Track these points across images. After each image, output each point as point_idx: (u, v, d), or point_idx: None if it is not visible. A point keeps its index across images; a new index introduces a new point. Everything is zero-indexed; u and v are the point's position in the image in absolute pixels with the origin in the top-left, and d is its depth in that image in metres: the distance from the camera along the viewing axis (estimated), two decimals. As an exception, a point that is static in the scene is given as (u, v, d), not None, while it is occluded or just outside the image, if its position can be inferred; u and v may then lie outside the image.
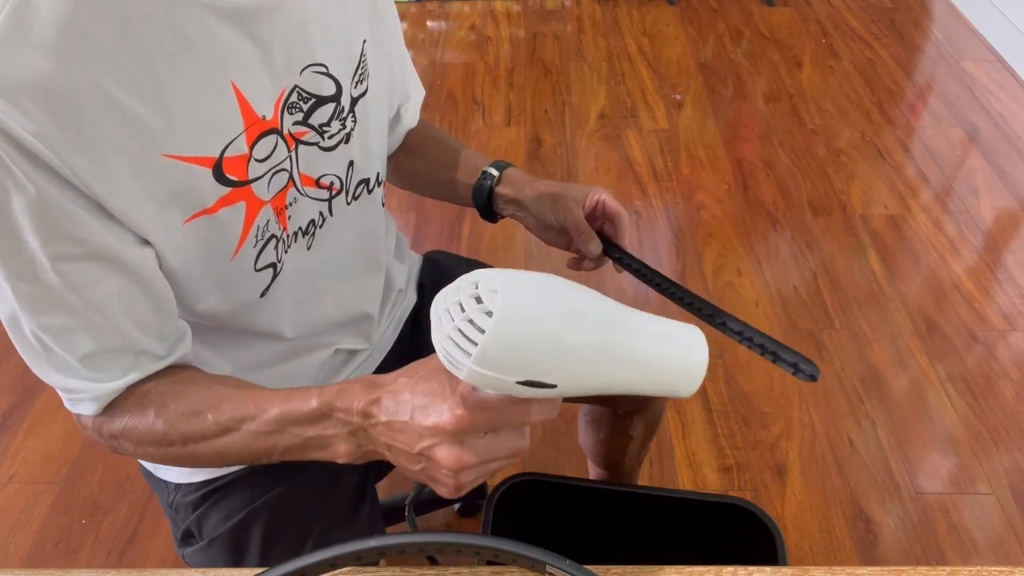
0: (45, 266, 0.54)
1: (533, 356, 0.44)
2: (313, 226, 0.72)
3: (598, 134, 2.31)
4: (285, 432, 0.58)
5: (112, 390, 0.61)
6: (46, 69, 0.50)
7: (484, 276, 0.44)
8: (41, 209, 0.52)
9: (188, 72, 0.56)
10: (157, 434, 0.61)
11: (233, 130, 0.60)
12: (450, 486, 0.53)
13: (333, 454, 0.58)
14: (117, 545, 1.37)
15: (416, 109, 0.90)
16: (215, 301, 0.67)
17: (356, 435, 0.56)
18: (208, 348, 0.74)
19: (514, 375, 0.44)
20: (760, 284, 1.83)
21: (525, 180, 0.85)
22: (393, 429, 0.53)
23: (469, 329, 0.43)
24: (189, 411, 0.61)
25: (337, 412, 0.56)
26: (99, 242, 0.56)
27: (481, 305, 0.43)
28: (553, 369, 0.45)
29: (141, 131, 0.55)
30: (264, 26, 0.60)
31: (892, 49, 2.68)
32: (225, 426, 0.60)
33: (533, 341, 0.44)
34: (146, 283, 0.60)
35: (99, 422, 0.63)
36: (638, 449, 1.17)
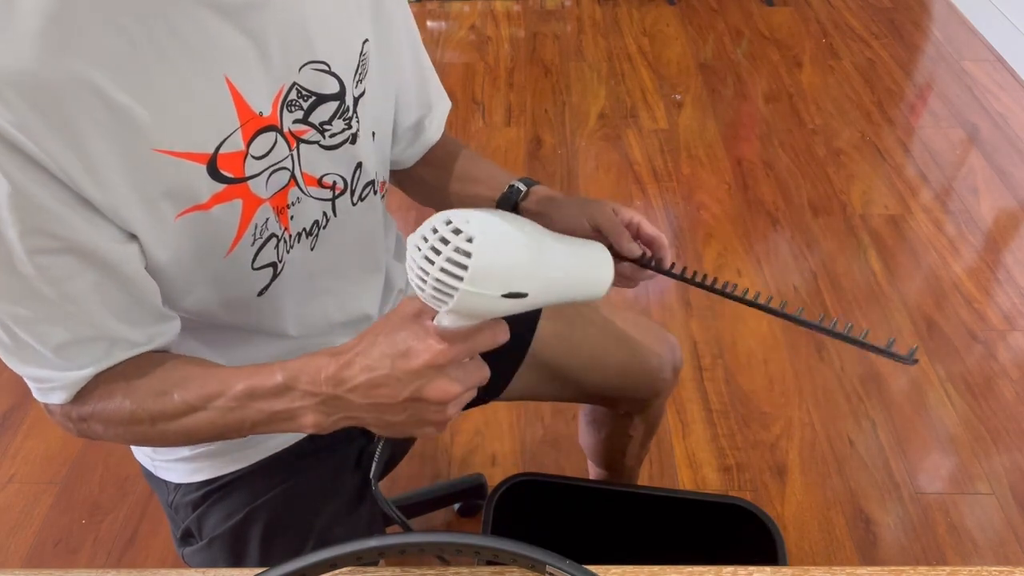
0: (22, 257, 0.54)
1: (511, 270, 0.51)
2: (317, 227, 0.72)
3: (598, 134, 2.31)
4: (251, 407, 0.59)
5: (82, 378, 0.61)
6: (30, 60, 0.50)
7: (454, 214, 0.50)
8: (21, 202, 0.52)
9: (179, 66, 0.56)
10: (125, 414, 0.61)
11: (228, 126, 0.60)
12: (440, 421, 0.56)
13: (300, 425, 0.58)
14: (117, 545, 1.37)
15: (441, 122, 0.88)
16: (206, 297, 0.67)
17: (326, 404, 0.57)
18: (207, 346, 0.74)
19: (498, 289, 0.50)
20: (760, 284, 1.83)
21: (553, 194, 0.83)
22: (374, 386, 0.54)
23: (458, 256, 0.48)
24: (156, 390, 0.61)
25: (301, 384, 0.57)
26: (79, 237, 0.55)
27: (462, 234, 0.49)
28: (525, 279, 0.52)
29: (130, 124, 0.54)
30: (256, 21, 0.59)
31: (892, 49, 2.68)
32: (192, 404, 0.60)
33: (509, 256, 0.51)
34: (126, 278, 0.59)
35: (67, 408, 0.63)
36: (638, 449, 1.17)
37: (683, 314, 1.76)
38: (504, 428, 1.54)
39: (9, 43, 0.50)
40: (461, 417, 1.56)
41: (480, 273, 0.49)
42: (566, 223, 0.80)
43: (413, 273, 0.50)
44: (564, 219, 0.80)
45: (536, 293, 0.53)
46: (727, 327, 1.73)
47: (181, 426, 0.61)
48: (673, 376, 1.03)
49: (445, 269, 0.49)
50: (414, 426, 0.57)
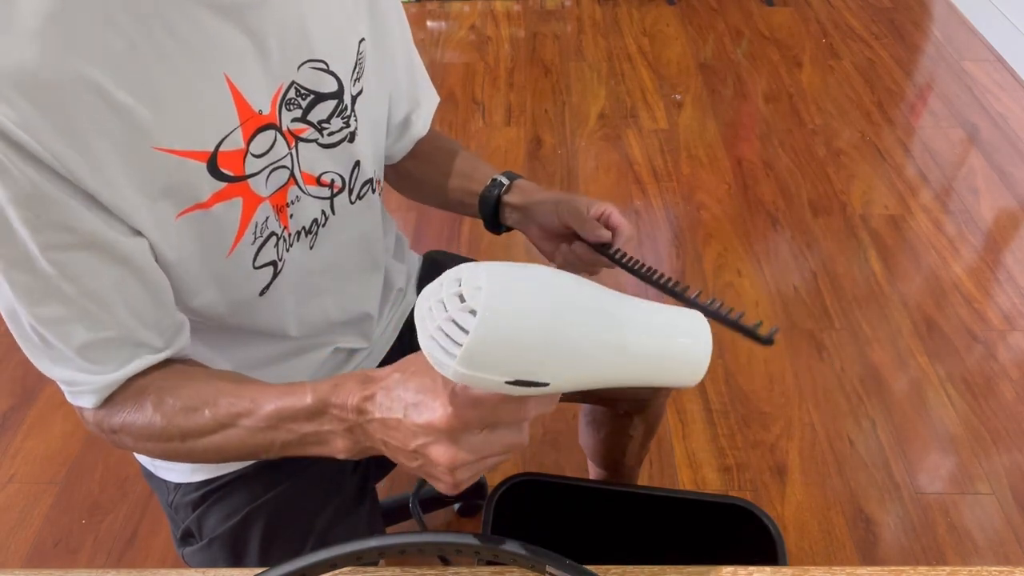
0: (38, 256, 0.54)
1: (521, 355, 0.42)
2: (316, 225, 0.72)
3: (598, 134, 2.31)
4: (281, 428, 0.58)
5: (110, 382, 0.61)
6: (31, 59, 0.50)
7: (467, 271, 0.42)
8: (29, 199, 0.52)
9: (179, 64, 0.56)
10: (156, 429, 0.61)
11: (228, 124, 0.60)
12: (447, 483, 0.52)
13: (332, 450, 0.57)
14: (117, 545, 1.37)
15: (428, 117, 0.88)
16: (212, 297, 0.67)
17: (353, 431, 0.56)
18: (208, 346, 0.74)
19: (502, 375, 0.42)
20: (760, 284, 1.83)
21: (534, 188, 0.84)
22: (387, 426, 0.53)
23: (452, 329, 0.41)
24: (186, 406, 0.61)
25: (332, 408, 0.55)
26: (90, 231, 0.55)
27: (465, 304, 0.41)
28: (544, 367, 0.43)
29: (131, 123, 0.54)
30: (255, 19, 0.59)
31: (892, 49, 2.68)
32: (222, 422, 0.59)
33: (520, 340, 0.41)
34: (141, 272, 0.59)
35: (100, 416, 0.63)
36: (638, 449, 1.17)
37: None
38: (504, 428, 1.54)
39: (10, 43, 0.50)
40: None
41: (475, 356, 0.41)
42: (541, 220, 0.81)
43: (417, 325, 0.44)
44: (539, 215, 0.81)
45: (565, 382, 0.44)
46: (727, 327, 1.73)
47: (211, 443, 0.61)
48: (673, 376, 1.03)
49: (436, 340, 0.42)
50: (425, 476, 0.54)
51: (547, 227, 0.81)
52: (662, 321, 0.46)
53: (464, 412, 0.49)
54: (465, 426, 0.49)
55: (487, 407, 0.48)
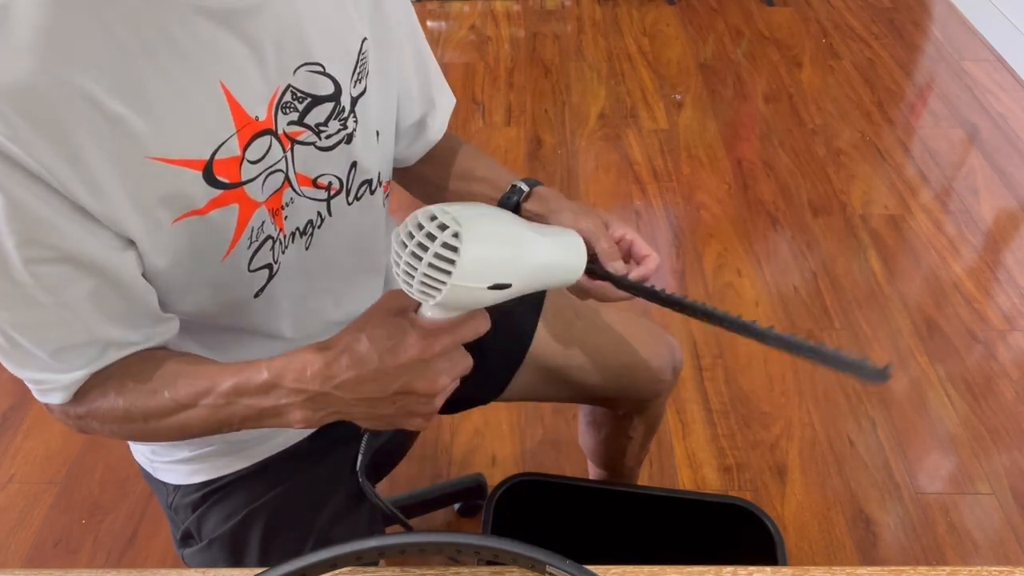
0: (18, 266, 0.54)
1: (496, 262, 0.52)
2: (311, 226, 0.72)
3: (598, 134, 2.31)
4: (238, 404, 0.59)
5: (78, 379, 0.62)
6: (24, 72, 0.50)
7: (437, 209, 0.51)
8: (17, 214, 0.52)
9: (174, 73, 0.56)
10: (119, 412, 0.62)
11: (223, 132, 0.60)
12: (427, 412, 0.57)
13: (288, 421, 0.59)
14: (117, 545, 1.37)
15: (444, 119, 0.87)
16: (203, 300, 0.67)
17: (313, 400, 0.57)
18: (205, 348, 0.74)
19: (485, 281, 0.52)
20: (760, 284, 1.83)
21: (554, 196, 0.81)
22: (362, 381, 0.55)
23: (446, 251, 0.49)
24: (146, 389, 0.61)
25: (287, 381, 0.57)
26: (76, 246, 0.55)
27: (448, 230, 0.50)
28: (509, 270, 0.53)
29: (125, 133, 0.54)
30: (253, 25, 0.59)
31: (892, 49, 2.68)
32: (181, 403, 0.61)
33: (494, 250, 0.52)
34: (123, 285, 0.60)
35: (65, 407, 0.64)
36: (638, 449, 1.17)
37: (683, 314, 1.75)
38: (504, 428, 1.54)
39: (4, 55, 0.50)
40: (461, 417, 1.56)
41: (468, 267, 0.50)
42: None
43: (399, 269, 0.51)
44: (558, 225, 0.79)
45: (519, 283, 0.55)
46: (727, 327, 1.73)
47: (174, 422, 0.62)
48: (673, 377, 1.03)
49: (433, 264, 0.50)
50: (402, 418, 0.58)
51: None
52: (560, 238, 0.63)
53: (438, 338, 0.54)
54: (441, 350, 0.55)
55: (450, 331, 0.55)
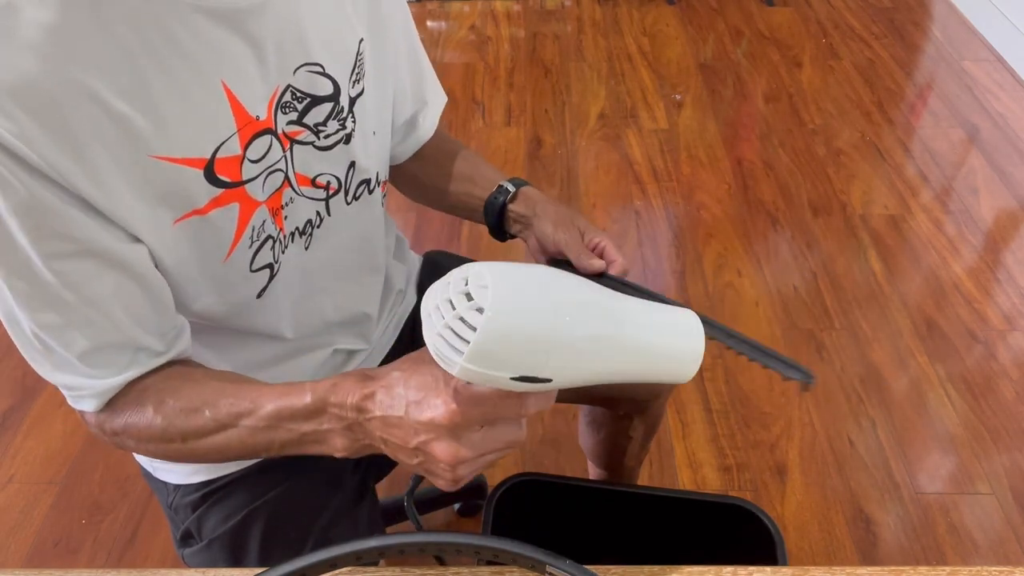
0: (38, 264, 0.54)
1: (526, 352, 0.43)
2: (311, 226, 0.72)
3: (598, 134, 2.31)
4: (281, 428, 0.58)
5: (111, 386, 0.61)
6: (30, 71, 0.50)
7: (474, 271, 0.43)
8: (29, 209, 0.53)
9: (177, 73, 0.56)
10: (156, 431, 0.62)
11: (225, 131, 0.60)
12: (447, 479, 0.53)
13: (330, 448, 0.58)
14: (117, 545, 1.37)
15: (435, 117, 0.88)
16: (210, 301, 0.67)
17: (352, 429, 0.56)
18: (207, 348, 0.74)
19: (507, 371, 0.44)
20: (760, 284, 1.83)
21: (540, 199, 0.82)
22: (388, 424, 0.53)
23: (460, 327, 0.42)
24: (186, 408, 0.61)
25: (331, 407, 0.56)
26: (91, 239, 0.56)
27: (472, 302, 0.42)
28: (547, 363, 0.44)
29: (129, 132, 0.55)
30: (255, 25, 0.59)
31: (892, 49, 2.68)
32: (222, 422, 0.60)
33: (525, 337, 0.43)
34: (142, 279, 0.60)
35: (101, 419, 0.63)
36: (638, 449, 1.17)
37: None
38: (504, 428, 1.54)
39: (10, 55, 0.50)
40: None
41: (483, 352, 0.42)
42: (539, 235, 0.81)
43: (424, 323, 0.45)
44: (539, 232, 0.81)
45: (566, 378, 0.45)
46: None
47: (211, 443, 0.61)
48: (673, 377, 1.03)
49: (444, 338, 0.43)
50: (425, 473, 0.55)
51: (544, 247, 0.81)
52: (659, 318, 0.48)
53: (466, 409, 0.49)
54: (467, 423, 0.50)
55: (488, 404, 0.49)
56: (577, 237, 0.78)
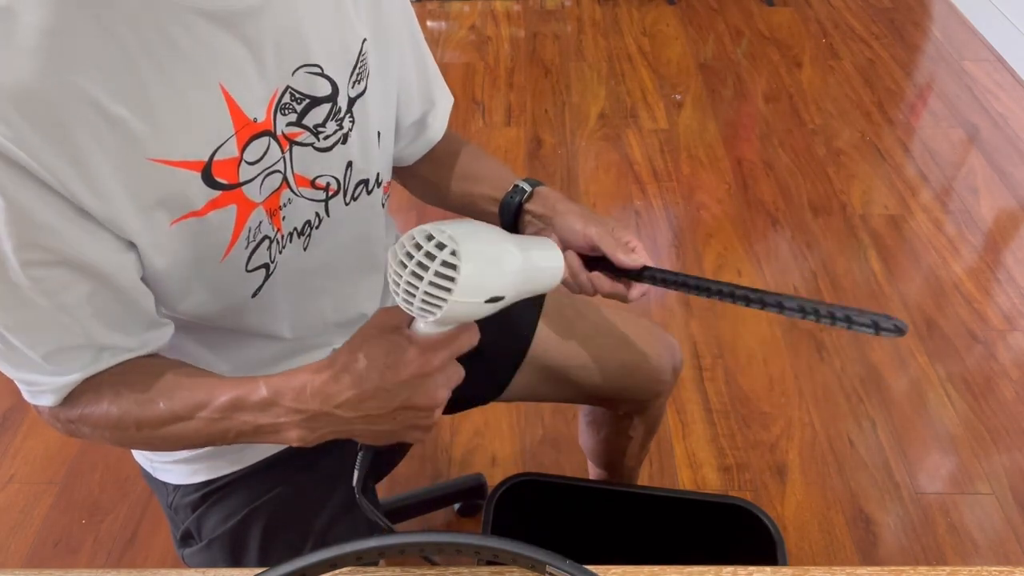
0: (16, 268, 0.54)
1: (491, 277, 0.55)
2: (309, 227, 0.72)
3: (598, 134, 2.31)
4: (235, 419, 0.60)
5: (70, 383, 0.62)
6: (27, 75, 0.50)
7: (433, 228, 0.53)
8: (16, 217, 0.52)
9: (174, 76, 0.56)
10: (112, 419, 0.62)
11: (222, 134, 0.60)
12: (427, 425, 0.59)
13: (285, 439, 0.60)
14: (117, 545, 1.37)
15: (444, 118, 0.87)
16: (202, 300, 0.67)
17: (312, 420, 0.58)
18: (206, 348, 0.74)
19: (482, 296, 0.54)
20: (760, 284, 1.83)
21: (557, 198, 0.81)
22: (364, 398, 0.56)
23: (446, 270, 0.51)
24: (142, 398, 0.62)
25: (286, 400, 0.58)
26: (74, 250, 0.56)
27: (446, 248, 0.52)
28: (503, 284, 0.56)
29: (126, 135, 0.54)
30: (253, 27, 0.59)
31: (892, 49, 2.68)
32: (178, 413, 0.61)
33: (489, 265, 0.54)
34: (120, 289, 0.60)
35: (56, 410, 0.64)
36: (638, 449, 1.17)
37: (683, 314, 1.76)
38: (504, 428, 1.54)
39: (7, 59, 0.50)
40: (461, 417, 1.56)
41: (467, 284, 0.52)
42: (566, 235, 0.78)
43: (399, 288, 0.53)
44: (564, 230, 0.78)
45: (511, 294, 0.57)
46: (727, 327, 1.73)
47: (167, 432, 0.62)
48: (673, 377, 1.03)
49: (434, 282, 0.51)
50: (403, 432, 0.59)
51: (570, 243, 0.78)
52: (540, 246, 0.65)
53: (436, 353, 0.56)
54: (440, 364, 0.56)
55: (446, 344, 0.56)
56: (608, 230, 0.76)
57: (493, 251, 0.56)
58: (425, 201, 0.94)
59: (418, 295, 0.52)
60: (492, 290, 0.55)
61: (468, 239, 0.53)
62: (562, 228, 0.79)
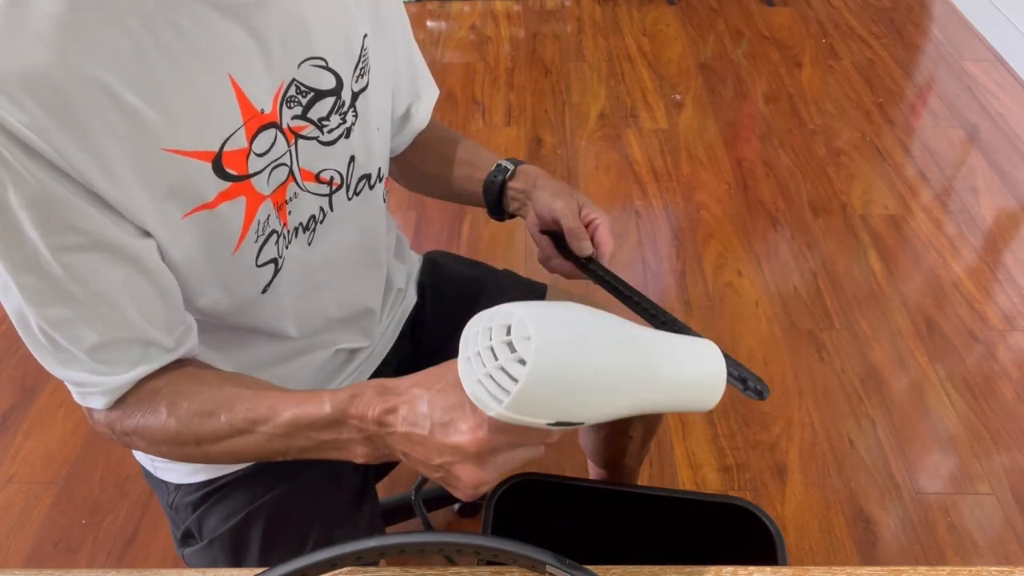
0: (47, 258, 0.54)
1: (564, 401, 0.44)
2: (314, 221, 0.72)
3: (598, 134, 2.31)
4: (299, 436, 0.59)
5: (122, 383, 0.61)
6: (41, 62, 0.50)
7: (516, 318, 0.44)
8: (40, 201, 0.53)
9: (185, 66, 0.56)
10: (170, 433, 0.61)
11: (232, 124, 0.60)
12: (467, 496, 0.54)
13: (351, 455, 0.58)
14: (117, 545, 1.37)
15: (428, 109, 0.89)
16: (217, 297, 0.67)
17: (372, 440, 0.57)
18: (209, 348, 0.74)
19: (544, 419, 0.45)
20: (760, 284, 1.83)
21: (538, 174, 0.84)
22: (411, 441, 0.53)
23: (502, 377, 0.43)
24: (202, 411, 0.61)
25: (351, 419, 0.56)
26: (100, 232, 0.56)
27: (515, 354, 0.43)
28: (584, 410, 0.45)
29: (139, 124, 0.55)
30: (260, 19, 0.60)
31: (892, 49, 2.68)
32: (239, 428, 0.60)
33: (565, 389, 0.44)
34: (150, 273, 0.60)
35: (111, 418, 0.63)
36: (638, 449, 1.17)
37: (683, 314, 1.76)
38: (504, 428, 1.54)
39: (21, 46, 0.50)
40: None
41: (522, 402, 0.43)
42: (538, 208, 0.81)
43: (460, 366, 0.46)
44: (537, 202, 0.81)
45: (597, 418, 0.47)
46: (727, 327, 1.73)
47: (226, 447, 0.61)
48: (673, 376, 1.03)
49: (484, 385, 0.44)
50: (445, 484, 0.56)
51: (541, 216, 0.81)
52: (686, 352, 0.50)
53: (494, 437, 0.50)
54: (493, 450, 0.51)
55: (516, 434, 0.50)
56: (574, 208, 0.78)
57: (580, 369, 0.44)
58: (411, 189, 0.96)
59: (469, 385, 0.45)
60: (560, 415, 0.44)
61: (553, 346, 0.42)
62: (536, 201, 0.81)
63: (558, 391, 0.43)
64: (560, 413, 0.45)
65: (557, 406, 0.44)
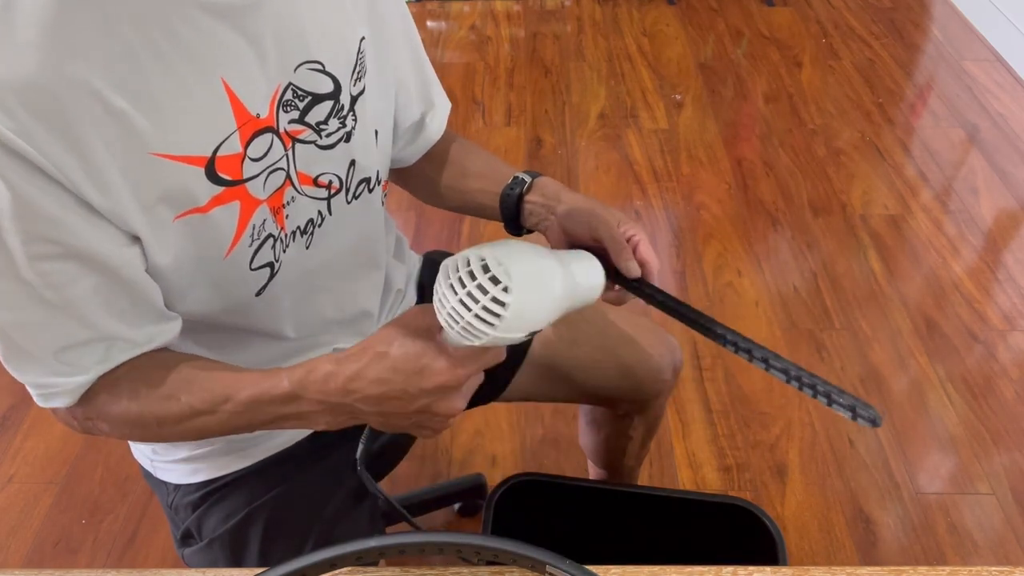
0: (24, 265, 0.54)
1: (538, 314, 0.55)
2: (312, 225, 0.72)
3: (598, 134, 2.31)
4: (260, 412, 0.61)
5: (84, 383, 0.61)
6: (30, 68, 0.50)
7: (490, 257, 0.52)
8: (23, 210, 0.52)
9: (177, 70, 0.56)
10: (131, 417, 0.62)
11: (225, 129, 0.60)
12: (442, 428, 0.60)
13: (313, 425, 0.61)
14: (117, 545, 1.37)
15: (443, 119, 0.87)
16: (206, 298, 0.67)
17: (334, 409, 0.59)
18: (206, 349, 0.74)
19: (524, 332, 0.54)
20: (760, 284, 1.83)
21: (557, 189, 0.80)
22: (387, 397, 0.57)
23: (494, 306, 0.51)
24: (161, 394, 0.62)
25: (310, 392, 0.58)
26: (81, 242, 0.55)
27: (499, 285, 0.51)
28: (546, 316, 0.56)
29: (129, 129, 0.54)
30: (254, 22, 0.59)
31: (892, 49, 2.68)
32: (198, 409, 0.61)
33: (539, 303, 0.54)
34: (127, 281, 0.60)
35: (72, 409, 0.64)
36: (638, 449, 1.17)
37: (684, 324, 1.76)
38: (504, 428, 1.54)
39: (9, 51, 0.50)
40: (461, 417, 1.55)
41: (512, 322, 0.52)
42: (570, 227, 0.76)
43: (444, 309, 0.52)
44: (568, 222, 0.77)
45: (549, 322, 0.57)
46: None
47: (187, 428, 0.62)
48: (673, 377, 1.03)
49: (480, 316, 0.52)
50: (415, 429, 0.61)
51: (574, 236, 0.76)
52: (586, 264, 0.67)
53: (468, 366, 0.56)
54: (467, 377, 0.57)
55: (478, 358, 0.57)
56: (615, 230, 0.72)
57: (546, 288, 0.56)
58: (425, 201, 0.94)
59: (460, 323, 0.52)
60: (534, 326, 0.55)
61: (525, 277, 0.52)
62: (566, 220, 0.76)
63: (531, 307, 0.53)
64: (531, 325, 0.54)
65: (531, 319, 0.54)
